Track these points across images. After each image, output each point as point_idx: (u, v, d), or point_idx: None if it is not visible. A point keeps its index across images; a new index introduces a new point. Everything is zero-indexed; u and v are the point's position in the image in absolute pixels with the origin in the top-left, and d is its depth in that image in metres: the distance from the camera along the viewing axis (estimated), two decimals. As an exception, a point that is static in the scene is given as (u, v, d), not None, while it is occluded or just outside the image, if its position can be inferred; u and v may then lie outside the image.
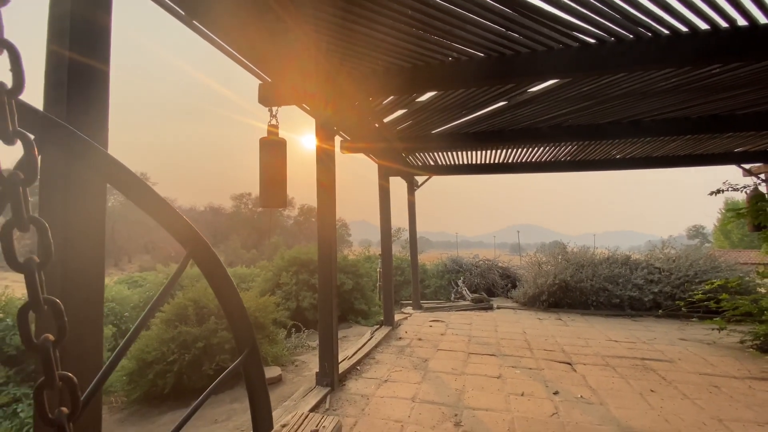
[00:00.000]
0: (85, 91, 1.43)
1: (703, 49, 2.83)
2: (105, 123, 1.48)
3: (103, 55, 1.50)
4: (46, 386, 0.45)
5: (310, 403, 3.14)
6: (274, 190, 3.30)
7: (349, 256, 13.52)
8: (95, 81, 1.46)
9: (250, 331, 0.89)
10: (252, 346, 0.91)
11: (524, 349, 4.79)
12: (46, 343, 0.45)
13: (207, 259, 0.76)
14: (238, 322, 0.88)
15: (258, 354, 0.92)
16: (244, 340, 0.90)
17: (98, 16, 1.51)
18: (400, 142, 5.64)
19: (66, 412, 0.48)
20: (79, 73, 1.40)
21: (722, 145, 6.03)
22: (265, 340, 4.92)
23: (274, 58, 3.31)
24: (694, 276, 7.19)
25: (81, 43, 1.42)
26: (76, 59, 1.40)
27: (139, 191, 0.67)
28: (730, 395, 3.35)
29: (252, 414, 0.96)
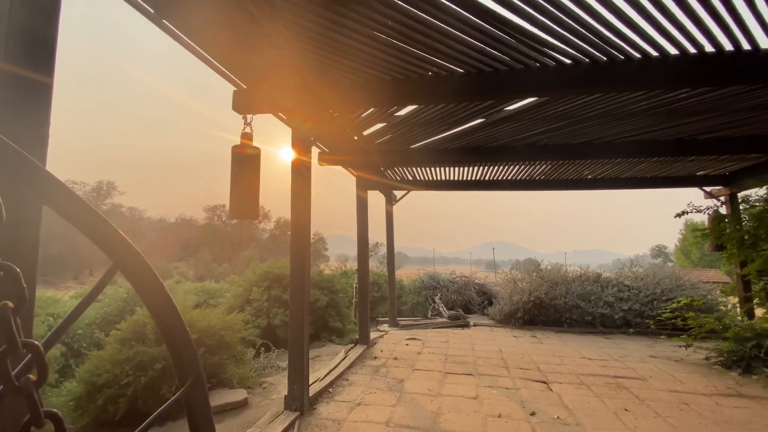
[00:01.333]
0: (25, 103, 1.36)
1: (672, 74, 2.94)
2: (45, 137, 1.41)
3: (47, 67, 1.44)
4: (33, 425, 0.46)
5: (276, 429, 2.92)
6: (246, 200, 3.15)
7: (325, 270, 13.23)
8: (36, 94, 1.40)
9: (194, 359, 0.75)
10: (196, 375, 0.77)
11: (501, 368, 4.71)
12: (29, 385, 0.45)
13: (137, 271, 0.63)
14: (178, 346, 0.73)
15: (203, 384, 0.78)
16: (186, 369, 0.75)
17: (41, 28, 1.44)
18: (379, 156, 5.59)
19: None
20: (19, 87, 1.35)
21: (685, 168, 6.33)
22: (231, 360, 4.62)
23: (250, 64, 3.20)
24: (660, 294, 7.41)
25: (22, 56, 1.37)
26: (16, 72, 1.34)
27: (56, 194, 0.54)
28: (699, 412, 3.37)
29: (195, 456, 0.81)
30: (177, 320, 0.72)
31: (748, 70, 2.85)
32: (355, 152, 5.31)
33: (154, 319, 0.70)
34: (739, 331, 4.82)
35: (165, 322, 0.72)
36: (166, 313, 0.71)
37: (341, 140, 5.12)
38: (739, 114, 4.13)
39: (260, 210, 30.31)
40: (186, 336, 0.74)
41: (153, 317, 0.71)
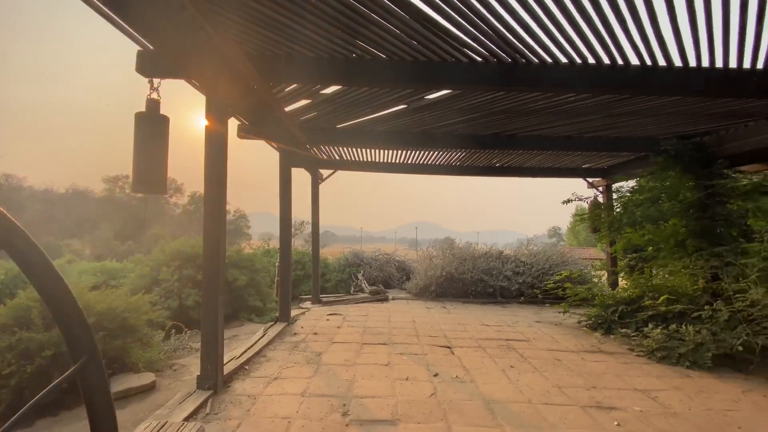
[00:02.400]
0: None
1: (563, 79, 3.39)
2: None
3: None
4: None
5: (187, 409, 2.87)
6: (152, 173, 2.92)
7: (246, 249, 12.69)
8: None
9: (87, 335, 0.77)
10: (91, 352, 0.79)
11: (413, 337, 5.15)
12: None
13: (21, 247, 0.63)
14: (71, 324, 0.75)
15: (100, 362, 0.80)
16: (79, 346, 0.77)
17: None
18: (304, 133, 5.49)
19: None
20: None
21: (574, 161, 7.33)
22: (137, 343, 4.32)
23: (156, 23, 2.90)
24: (549, 269, 8.63)
25: None
26: None
27: None
28: (568, 366, 4.11)
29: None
30: (67, 296, 0.73)
31: (620, 82, 3.42)
32: (278, 127, 5.14)
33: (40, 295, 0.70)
34: (604, 300, 5.87)
35: (54, 298, 0.72)
36: (55, 290, 0.72)
37: (263, 114, 4.91)
38: (615, 118, 4.91)
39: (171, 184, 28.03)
40: (78, 312, 0.75)
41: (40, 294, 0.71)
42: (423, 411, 2.93)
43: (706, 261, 4.84)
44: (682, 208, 5.29)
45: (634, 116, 4.82)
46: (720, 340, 4.06)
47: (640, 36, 2.88)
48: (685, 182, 5.33)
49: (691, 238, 5.20)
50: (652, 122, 5.06)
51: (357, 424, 2.73)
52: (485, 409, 2.99)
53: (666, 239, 5.43)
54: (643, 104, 4.35)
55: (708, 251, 4.89)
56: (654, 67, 3.32)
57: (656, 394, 3.35)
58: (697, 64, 3.26)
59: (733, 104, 4.24)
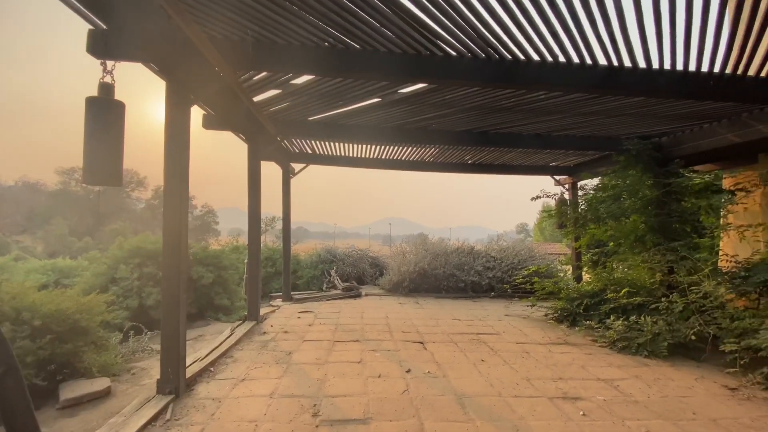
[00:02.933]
0: None
1: (534, 77, 3.43)
2: None
3: None
4: None
5: (145, 416, 2.69)
6: (106, 164, 2.69)
7: (214, 246, 12.23)
8: None
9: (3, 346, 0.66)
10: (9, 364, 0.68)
11: (385, 333, 5.12)
12: None
13: None
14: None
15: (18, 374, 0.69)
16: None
17: None
18: (274, 125, 5.30)
19: None
20: None
21: (543, 159, 7.53)
22: (90, 347, 4.03)
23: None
24: (518, 264, 8.86)
25: None
26: None
27: None
28: (536, 358, 4.21)
29: (10, 454, 0.72)
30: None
31: (589, 81, 3.49)
32: (246, 118, 4.93)
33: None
34: (569, 293, 6.09)
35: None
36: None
37: (230, 103, 4.67)
38: (582, 117, 5.06)
39: (134, 177, 26.51)
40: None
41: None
42: (395, 408, 2.90)
43: (663, 255, 5.10)
44: (641, 205, 5.55)
45: (600, 116, 4.99)
46: (675, 330, 4.29)
47: (609, 36, 2.95)
48: (644, 180, 5.59)
49: (650, 234, 5.46)
50: (616, 122, 5.26)
51: (327, 424, 2.65)
52: (457, 404, 2.99)
53: (626, 235, 5.68)
54: (608, 104, 4.50)
55: (665, 246, 5.15)
56: (620, 67, 3.42)
57: (618, 383, 3.49)
58: (659, 65, 3.38)
59: (690, 106, 4.46)
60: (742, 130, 4.64)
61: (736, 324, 3.90)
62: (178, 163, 3.13)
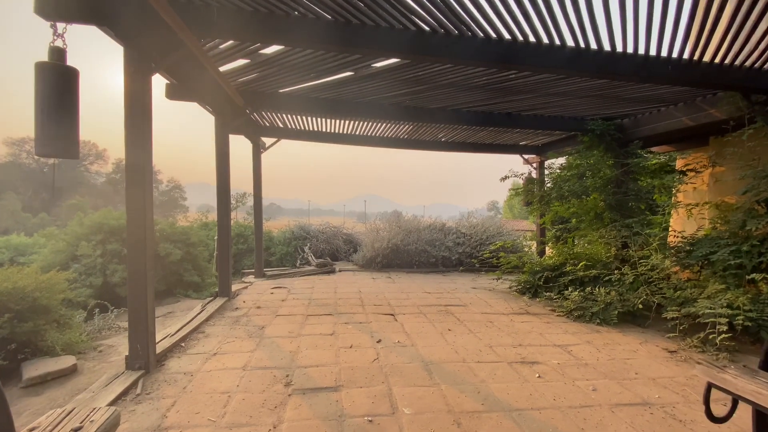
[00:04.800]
0: None
1: (505, 55, 3.47)
2: None
3: None
4: None
5: (114, 391, 2.69)
6: (59, 133, 2.54)
7: (182, 222, 11.85)
8: None
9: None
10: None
11: (358, 306, 5.25)
12: None
13: None
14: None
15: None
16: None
17: None
18: (242, 96, 5.10)
19: None
20: None
21: (513, 138, 7.70)
22: (51, 325, 3.90)
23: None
24: (486, 239, 9.19)
25: None
26: None
27: None
28: (498, 327, 4.47)
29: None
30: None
31: (557, 62, 3.56)
32: (212, 88, 4.72)
33: None
34: (532, 267, 6.41)
35: None
36: None
37: (195, 72, 4.45)
38: (550, 98, 5.19)
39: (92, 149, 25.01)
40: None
41: None
42: (365, 376, 3.04)
43: (618, 231, 5.44)
44: (602, 184, 5.84)
45: (567, 97, 5.13)
46: (625, 300, 4.66)
47: (576, 18, 3.02)
48: (606, 160, 5.87)
49: (608, 211, 5.79)
50: (582, 103, 5.43)
51: (300, 393, 2.75)
52: (424, 371, 3.17)
53: (587, 212, 6.00)
54: (574, 85, 4.63)
55: (620, 222, 5.49)
56: (587, 49, 3.51)
57: (571, 349, 3.78)
58: (623, 49, 3.50)
59: (650, 90, 4.67)
60: (696, 114, 4.93)
61: (679, 294, 4.28)
62: (140, 135, 3.00)
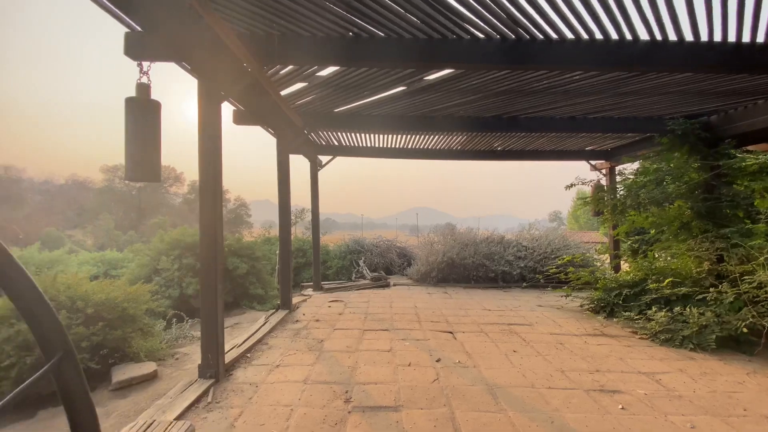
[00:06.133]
0: None
1: (568, 56, 3.26)
2: None
3: None
4: None
5: (188, 398, 2.85)
6: (144, 160, 2.82)
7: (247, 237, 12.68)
8: None
9: (60, 332, 0.71)
10: (66, 349, 0.73)
11: (414, 322, 5.13)
12: None
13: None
14: (41, 321, 0.68)
15: (74, 358, 0.74)
16: (52, 344, 0.71)
17: None
18: (301, 118, 5.37)
19: None
20: None
21: (577, 143, 7.20)
22: (137, 333, 4.31)
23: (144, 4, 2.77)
24: (551, 253, 8.59)
25: None
26: None
27: None
28: (571, 350, 4.09)
29: (72, 431, 0.78)
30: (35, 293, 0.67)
31: (629, 58, 3.28)
32: (274, 112, 5.02)
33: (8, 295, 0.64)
34: (607, 283, 5.84)
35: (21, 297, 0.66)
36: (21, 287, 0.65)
37: (259, 98, 4.77)
38: (621, 98, 4.77)
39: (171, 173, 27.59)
40: (48, 309, 0.69)
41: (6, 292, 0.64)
42: (426, 397, 2.91)
43: (711, 243, 4.77)
44: (687, 190, 5.20)
45: (641, 95, 4.69)
46: (724, 322, 4.03)
47: (651, 9, 2.75)
48: (691, 163, 5.23)
49: (697, 220, 5.12)
50: (659, 102, 4.93)
51: (359, 410, 2.71)
52: (488, 394, 2.97)
53: (670, 221, 5.35)
54: (650, 83, 4.22)
55: (713, 233, 4.82)
56: (664, 42, 3.18)
57: (660, 377, 3.33)
58: (708, 38, 3.12)
59: (742, 82, 4.10)
60: (805, 105, 4.22)
61: (795, 316, 3.61)
62: (212, 159, 3.24)
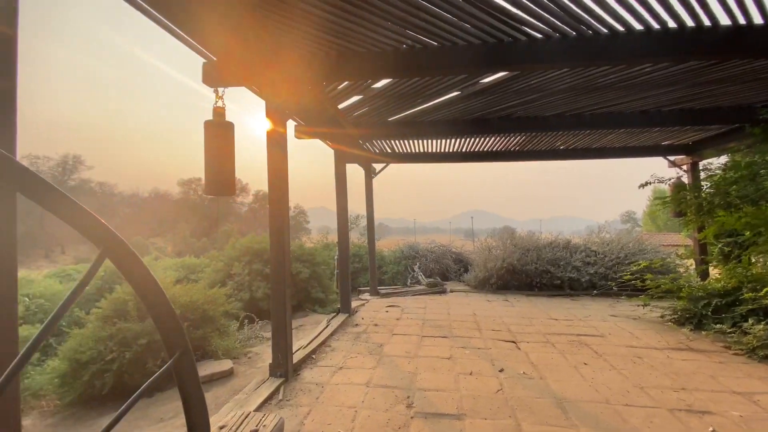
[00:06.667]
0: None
1: (637, 49, 3.03)
2: (12, 92, 1.32)
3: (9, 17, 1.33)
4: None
5: (262, 395, 3.09)
6: (220, 176, 3.13)
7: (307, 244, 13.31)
8: None
9: (180, 333, 0.84)
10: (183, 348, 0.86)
11: (474, 330, 5.03)
12: None
13: (124, 257, 0.70)
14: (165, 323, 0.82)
15: (191, 356, 0.87)
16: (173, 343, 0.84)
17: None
18: (357, 128, 5.56)
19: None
20: None
21: (651, 138, 6.59)
22: (215, 333, 4.74)
23: (218, 36, 3.09)
24: (624, 258, 7.90)
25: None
26: None
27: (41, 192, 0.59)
28: (651, 365, 3.75)
29: (187, 419, 0.91)
30: (162, 299, 0.80)
31: (707, 47, 2.98)
32: (332, 125, 5.27)
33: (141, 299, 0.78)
34: (692, 291, 5.25)
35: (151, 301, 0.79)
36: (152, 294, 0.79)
37: (317, 113, 5.05)
38: (700, 88, 4.31)
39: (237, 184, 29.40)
40: (171, 312, 0.82)
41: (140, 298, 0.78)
42: (489, 407, 2.86)
43: (826, 246, 4.09)
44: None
45: (724, 84, 4.20)
46: None
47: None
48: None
49: (805, 220, 4.42)
50: (747, 89, 4.37)
51: (422, 416, 2.73)
52: (557, 408, 2.83)
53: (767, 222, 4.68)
54: (734, 70, 3.77)
55: (828, 235, 4.13)
56: (749, 26, 2.84)
57: (758, 398, 2.93)
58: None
59: None
60: None
61: None
62: (280, 171, 3.50)
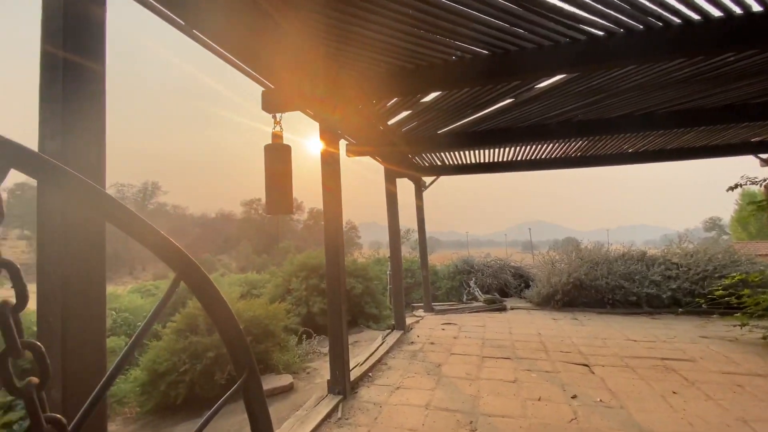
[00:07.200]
0: (80, 90, 1.39)
1: (717, 38, 2.72)
2: (102, 125, 1.46)
3: (98, 53, 1.46)
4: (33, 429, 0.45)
5: (321, 412, 3.09)
6: (280, 196, 3.27)
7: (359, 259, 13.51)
8: (90, 80, 1.43)
9: (247, 353, 0.85)
10: (250, 368, 0.87)
11: (540, 351, 4.68)
12: (29, 387, 0.45)
13: (197, 281, 0.72)
14: (234, 343, 0.83)
15: (257, 375, 0.88)
16: (241, 363, 0.85)
17: (92, 12, 1.45)
18: (406, 144, 5.58)
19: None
20: (74, 73, 1.37)
21: (738, 135, 5.84)
22: (276, 347, 4.90)
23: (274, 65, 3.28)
24: (713, 271, 6.96)
25: (75, 42, 1.38)
26: (70, 59, 1.37)
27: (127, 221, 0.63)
28: (754, 394, 3.21)
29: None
30: (233, 322, 0.82)
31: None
32: (382, 142, 5.33)
33: (213, 321, 0.80)
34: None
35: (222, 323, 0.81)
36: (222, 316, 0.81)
37: (368, 131, 5.15)
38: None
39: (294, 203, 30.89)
40: (240, 335, 0.83)
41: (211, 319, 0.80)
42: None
43: None
44: None
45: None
46: None
47: None
48: None
49: None
50: None
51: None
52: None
53: None
54: None
55: None
56: None
57: None
58: None
59: None
60: None
61: None
62: (333, 190, 3.58)
